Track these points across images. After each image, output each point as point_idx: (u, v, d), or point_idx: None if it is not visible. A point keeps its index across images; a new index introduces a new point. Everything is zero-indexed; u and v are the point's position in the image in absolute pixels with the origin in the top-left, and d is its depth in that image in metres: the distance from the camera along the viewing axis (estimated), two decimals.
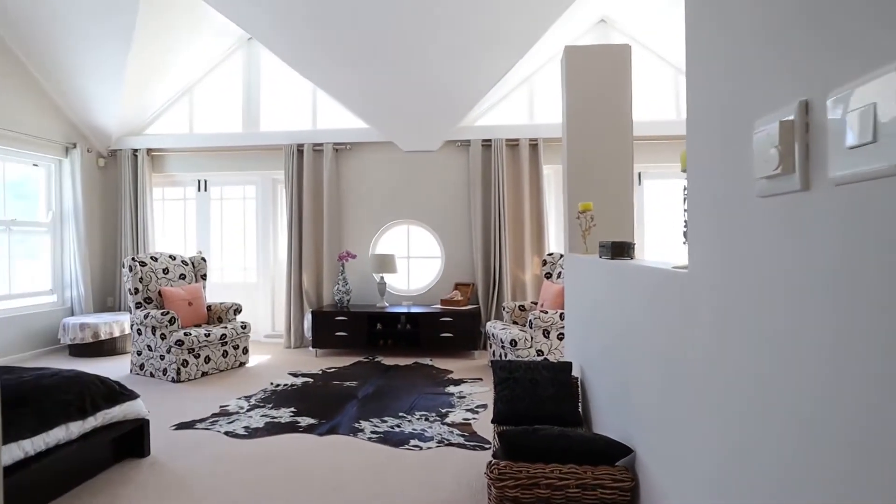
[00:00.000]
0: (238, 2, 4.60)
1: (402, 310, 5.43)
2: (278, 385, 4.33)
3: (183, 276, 5.22)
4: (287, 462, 2.83)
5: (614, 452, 1.68)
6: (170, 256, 5.21)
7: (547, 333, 4.36)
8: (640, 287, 1.68)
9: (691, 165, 1.16)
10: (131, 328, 4.83)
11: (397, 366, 4.97)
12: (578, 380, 2.76)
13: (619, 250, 2.10)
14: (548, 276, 5.05)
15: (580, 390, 2.72)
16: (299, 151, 5.94)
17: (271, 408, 3.73)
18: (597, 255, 2.71)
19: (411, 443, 3.08)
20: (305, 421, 3.45)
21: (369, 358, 5.30)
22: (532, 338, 4.36)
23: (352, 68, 5.15)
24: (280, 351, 5.74)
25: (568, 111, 3.34)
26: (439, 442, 3.10)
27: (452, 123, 5.64)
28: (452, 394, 4.06)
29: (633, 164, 3.32)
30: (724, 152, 0.99)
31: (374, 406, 3.76)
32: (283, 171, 5.97)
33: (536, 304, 5.06)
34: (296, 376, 4.62)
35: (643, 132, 5.03)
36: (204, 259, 5.46)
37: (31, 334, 5.47)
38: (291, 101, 6.20)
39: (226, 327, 4.89)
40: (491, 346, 4.83)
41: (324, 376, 4.61)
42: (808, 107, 0.72)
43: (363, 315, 5.37)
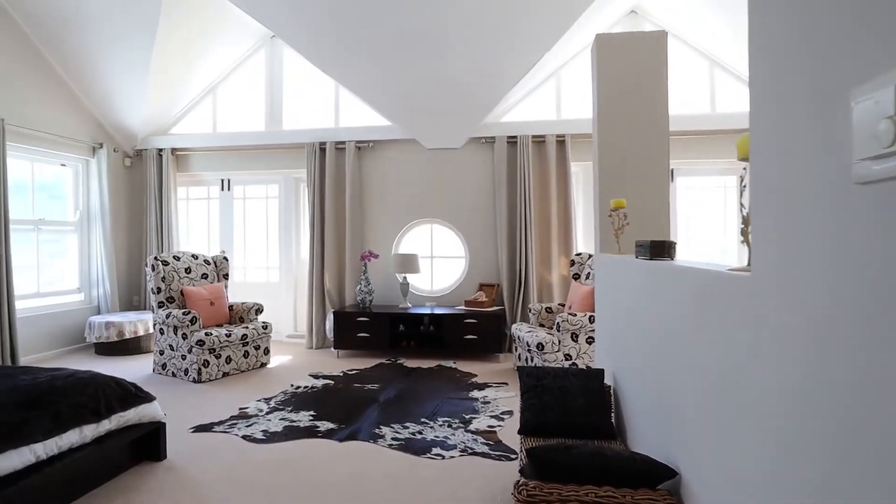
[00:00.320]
0: None
1: (425, 311, 5.30)
2: (298, 387, 4.25)
3: (205, 276, 5.19)
4: (305, 470, 2.72)
5: (656, 474, 1.51)
6: (192, 256, 5.19)
7: (575, 337, 4.18)
8: (684, 291, 1.51)
9: (756, 151, 0.99)
10: (154, 327, 4.82)
11: (420, 368, 4.85)
12: (611, 388, 2.59)
13: (659, 250, 1.93)
14: (576, 277, 4.86)
15: (613, 400, 2.55)
16: (321, 150, 5.87)
17: (291, 411, 3.65)
18: (632, 255, 2.53)
19: (433, 451, 2.95)
20: (325, 425, 3.35)
21: (391, 360, 5.18)
22: (560, 341, 4.18)
23: (374, 64, 5.05)
24: (302, 351, 5.67)
25: (599, 103, 3.16)
26: (462, 451, 2.95)
27: (477, 120, 5.50)
28: (476, 399, 3.91)
29: (670, 158, 3.12)
30: (805, 132, 0.83)
31: (395, 410, 3.64)
32: (306, 169, 5.91)
33: (564, 305, 4.88)
34: (316, 378, 4.53)
35: (674, 127, 4.78)
36: (226, 258, 5.43)
37: (58, 332, 5.52)
38: (314, 100, 6.14)
39: (247, 327, 4.83)
40: (516, 350, 4.66)
41: (345, 378, 4.51)
42: None
43: (385, 316, 5.26)
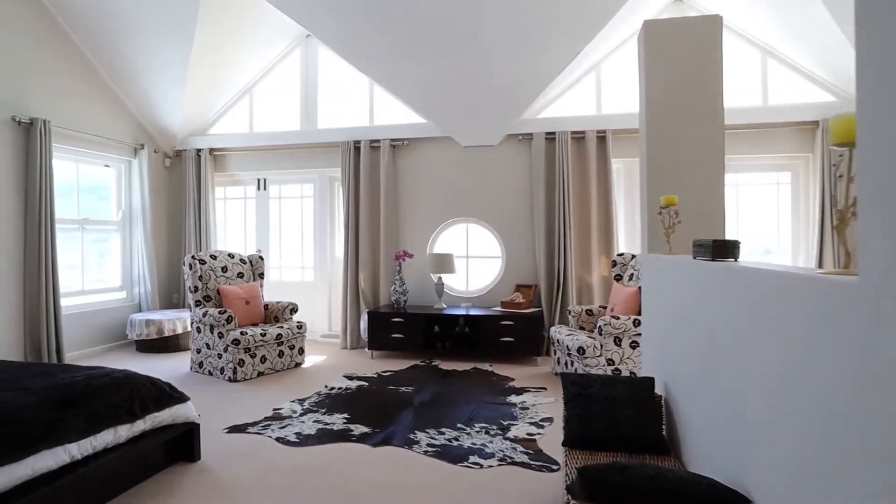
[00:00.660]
0: None
1: (461, 312, 5.18)
2: (332, 388, 4.19)
3: (241, 275, 5.20)
4: (338, 475, 2.64)
5: (726, 501, 1.35)
6: (228, 255, 5.21)
7: (619, 341, 3.99)
8: (757, 296, 1.35)
9: (865, 131, 0.83)
10: (191, 325, 4.85)
11: (455, 371, 4.73)
12: (662, 399, 2.41)
13: (722, 250, 1.75)
14: (618, 278, 4.65)
15: (664, 411, 2.38)
16: (356, 148, 5.82)
17: (324, 413, 3.58)
18: (686, 256, 2.35)
19: (470, 459, 2.82)
20: (359, 429, 3.27)
21: (426, 361, 5.08)
22: (602, 346, 4.00)
23: (409, 60, 4.96)
24: (336, 352, 5.63)
25: (648, 94, 2.97)
26: (501, 460, 2.82)
27: (514, 116, 5.34)
28: (515, 404, 3.76)
29: (725, 152, 2.91)
30: None
31: (430, 415, 3.53)
32: (340, 168, 5.87)
33: (605, 308, 4.68)
34: (350, 379, 4.47)
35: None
36: (262, 258, 5.43)
37: (102, 330, 5.64)
38: (348, 98, 6.10)
39: (282, 327, 4.81)
40: (555, 353, 4.49)
41: (379, 380, 4.43)
42: None
43: (420, 316, 5.16)
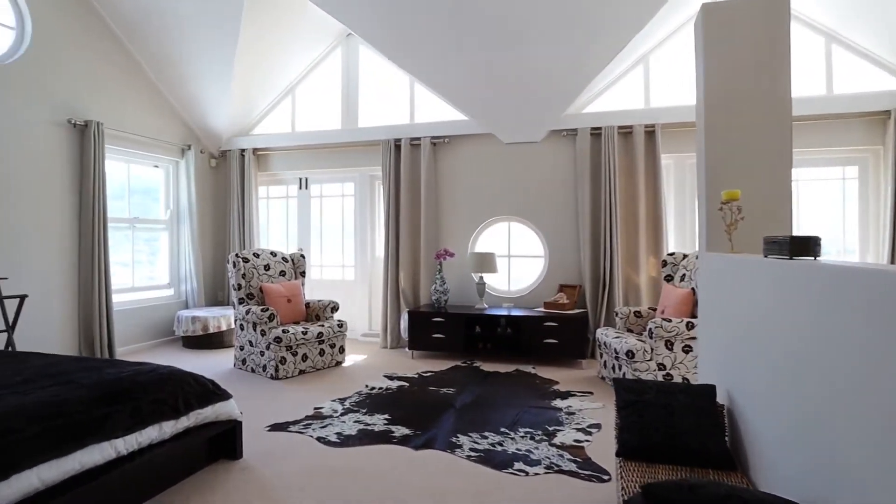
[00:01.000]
0: None
1: (503, 312, 5.06)
2: (373, 388, 4.15)
3: (283, 273, 5.24)
4: (380, 480, 2.57)
5: None
6: (271, 253, 5.25)
7: (670, 345, 3.79)
8: (850, 300, 1.19)
9: None
10: (235, 323, 4.91)
11: (497, 373, 4.61)
12: (725, 409, 2.24)
13: (801, 247, 1.58)
14: (668, 278, 4.44)
15: (727, 422, 2.20)
16: (396, 146, 5.78)
17: (365, 413, 3.54)
18: (753, 255, 2.18)
19: (515, 466, 2.71)
20: (400, 431, 3.20)
21: (467, 362, 4.99)
22: (652, 349, 3.80)
23: (450, 57, 4.87)
24: (376, 351, 5.60)
25: (706, 83, 2.79)
26: (548, 467, 2.69)
27: (558, 112, 5.17)
28: (560, 409, 3.62)
29: (792, 144, 2.70)
30: None
31: (473, 417, 3.43)
32: (381, 166, 5.85)
33: (655, 310, 4.47)
34: (391, 379, 4.42)
35: None
36: (303, 256, 5.46)
37: (150, 326, 5.80)
38: (389, 97, 6.07)
39: (322, 325, 4.81)
40: (601, 356, 4.32)
41: (420, 381, 4.37)
42: None
43: (461, 317, 5.07)
